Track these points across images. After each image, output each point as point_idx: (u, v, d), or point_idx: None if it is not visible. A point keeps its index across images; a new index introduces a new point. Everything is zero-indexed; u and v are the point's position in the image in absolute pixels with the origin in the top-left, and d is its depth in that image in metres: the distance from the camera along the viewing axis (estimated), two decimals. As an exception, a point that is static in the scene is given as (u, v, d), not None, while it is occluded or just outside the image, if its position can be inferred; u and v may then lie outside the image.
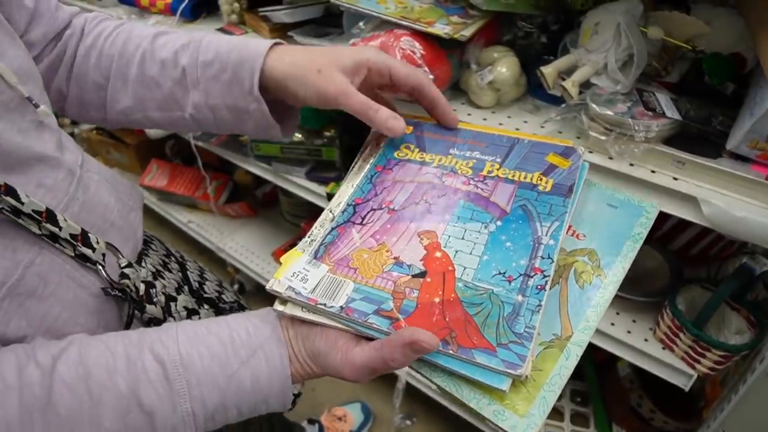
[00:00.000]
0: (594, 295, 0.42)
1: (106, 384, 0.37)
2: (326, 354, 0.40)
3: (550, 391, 0.37)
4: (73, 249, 0.44)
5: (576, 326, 0.40)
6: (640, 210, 0.47)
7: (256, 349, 0.41)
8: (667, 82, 0.76)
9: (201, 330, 0.41)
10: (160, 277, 0.58)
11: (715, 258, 0.97)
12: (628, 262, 0.44)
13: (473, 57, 0.81)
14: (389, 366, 0.38)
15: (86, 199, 0.48)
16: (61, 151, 0.47)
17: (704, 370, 0.80)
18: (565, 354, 0.39)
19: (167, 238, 0.63)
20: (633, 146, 0.66)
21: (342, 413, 1.39)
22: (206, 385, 0.39)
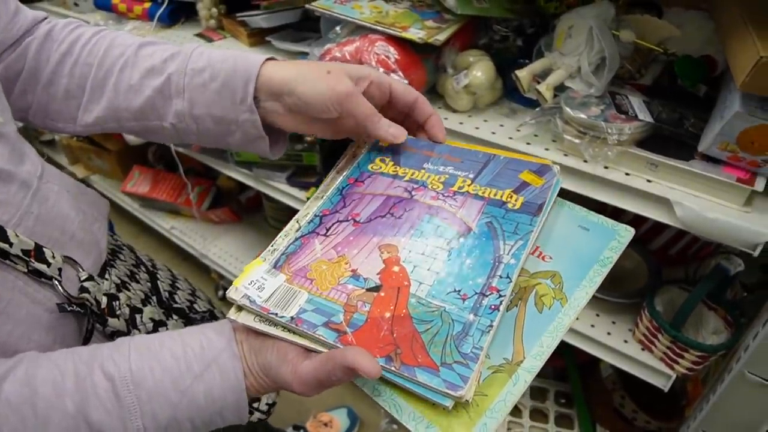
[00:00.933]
0: (552, 319, 0.40)
1: (53, 403, 0.37)
2: (277, 367, 0.40)
3: (492, 417, 0.36)
4: (26, 265, 0.43)
5: (529, 351, 0.38)
6: (612, 233, 0.45)
7: (209, 363, 0.40)
8: (641, 85, 0.77)
9: (154, 344, 0.41)
10: (126, 289, 0.57)
11: (693, 258, 0.97)
12: (593, 288, 0.42)
13: (449, 61, 0.81)
14: (332, 381, 0.37)
15: (43, 212, 0.47)
16: (16, 163, 0.46)
17: (682, 371, 0.80)
18: (513, 380, 0.37)
19: (149, 245, 0.62)
20: (607, 149, 0.66)
21: (328, 419, 1.38)
22: (158, 401, 0.39)
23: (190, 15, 1.27)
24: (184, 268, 1.88)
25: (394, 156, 0.52)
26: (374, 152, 0.53)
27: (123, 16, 1.30)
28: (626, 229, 0.45)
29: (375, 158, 0.52)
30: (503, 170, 0.49)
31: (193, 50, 0.51)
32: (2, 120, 0.44)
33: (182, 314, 0.65)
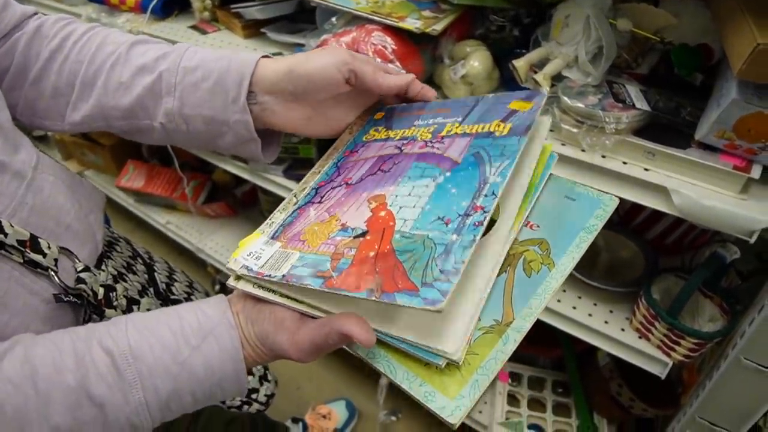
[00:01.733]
0: (540, 283, 0.41)
1: (53, 379, 0.37)
2: (273, 334, 0.40)
3: (484, 374, 0.37)
4: (21, 255, 0.43)
5: (518, 313, 0.40)
6: (597, 202, 0.47)
7: (206, 334, 0.40)
8: (638, 74, 0.77)
9: (151, 321, 0.41)
10: (123, 280, 0.57)
11: (689, 247, 0.98)
12: (579, 253, 0.43)
13: (446, 51, 0.81)
14: (329, 344, 0.38)
15: (38, 202, 0.47)
16: (10, 153, 0.45)
17: (679, 358, 0.81)
18: (503, 339, 0.38)
19: (145, 240, 0.62)
20: (604, 138, 0.67)
21: (326, 411, 1.39)
22: (158, 374, 0.39)
23: (183, 7, 1.25)
24: (181, 262, 1.87)
25: (387, 122, 0.53)
26: (369, 125, 0.53)
27: (115, 9, 1.29)
28: (611, 198, 0.47)
29: (369, 130, 0.53)
30: (492, 106, 0.48)
31: (187, 49, 0.51)
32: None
33: None
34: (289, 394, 1.48)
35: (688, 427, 0.87)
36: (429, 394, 0.37)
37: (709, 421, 0.82)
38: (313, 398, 1.45)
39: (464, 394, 0.36)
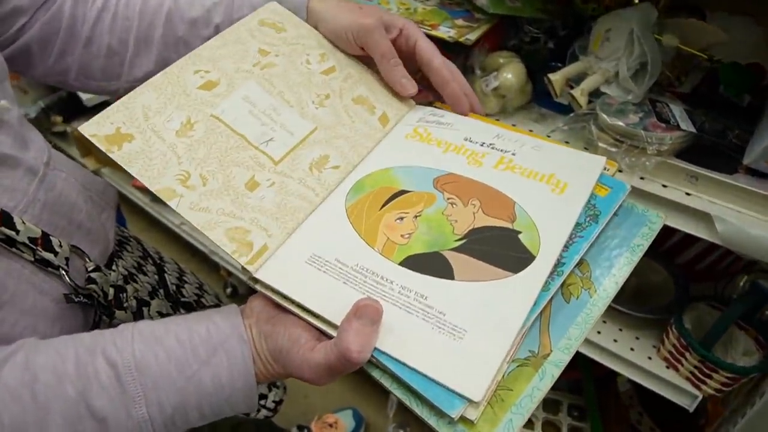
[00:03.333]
0: (580, 310, 0.38)
1: (54, 389, 0.35)
2: (288, 351, 0.37)
3: (518, 414, 0.34)
4: (33, 253, 0.41)
5: (556, 344, 0.36)
6: (643, 219, 0.43)
7: (216, 347, 0.38)
8: (680, 92, 0.73)
9: (159, 330, 0.38)
10: (133, 281, 0.55)
11: (723, 274, 0.94)
12: (622, 277, 0.40)
13: (477, 62, 0.78)
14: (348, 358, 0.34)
15: (50, 199, 0.45)
16: (21, 149, 0.44)
17: (710, 392, 0.77)
18: (539, 374, 0.35)
19: (158, 240, 0.61)
20: (644, 159, 0.63)
21: (333, 420, 1.36)
22: (163, 389, 0.36)
23: None
24: (193, 264, 1.86)
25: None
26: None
27: None
28: (657, 215, 0.43)
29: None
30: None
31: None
32: (8, 105, 0.43)
33: (190, 308, 0.63)
34: (296, 402, 1.46)
35: (717, 464, 0.83)
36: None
37: (739, 460, 0.78)
38: (320, 407, 1.42)
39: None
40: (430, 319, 0.36)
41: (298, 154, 0.44)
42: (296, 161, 0.43)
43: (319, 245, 0.40)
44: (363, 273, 0.39)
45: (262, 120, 0.44)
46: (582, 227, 0.41)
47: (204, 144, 0.41)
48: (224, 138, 0.42)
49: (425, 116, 0.50)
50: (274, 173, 0.42)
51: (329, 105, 0.47)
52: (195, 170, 0.40)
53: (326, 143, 0.45)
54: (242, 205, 0.40)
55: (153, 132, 0.40)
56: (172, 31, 0.50)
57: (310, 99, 0.47)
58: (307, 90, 0.47)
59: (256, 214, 0.40)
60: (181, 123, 0.42)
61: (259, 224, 0.40)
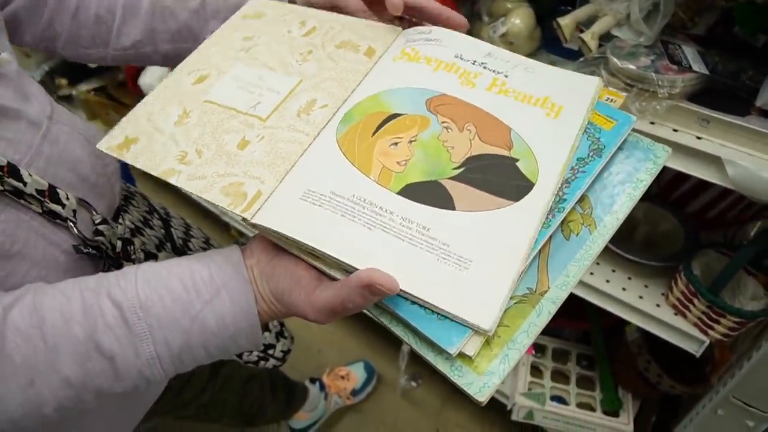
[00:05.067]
0: (580, 247, 0.37)
1: (61, 330, 0.36)
2: (290, 292, 0.38)
3: (515, 349, 0.34)
4: (40, 205, 0.42)
5: (554, 281, 0.36)
6: (648, 153, 0.41)
7: (219, 288, 0.38)
8: (694, 34, 0.71)
9: (161, 272, 0.39)
10: (140, 234, 0.56)
11: (732, 222, 0.93)
12: (623, 213, 0.38)
13: (485, 8, 0.76)
14: (348, 308, 0.35)
15: (54, 152, 0.46)
16: (23, 102, 0.44)
17: (717, 337, 0.78)
18: (536, 310, 0.35)
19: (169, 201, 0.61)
20: (655, 103, 0.62)
21: (345, 372, 1.40)
22: (169, 328, 0.37)
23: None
24: (205, 225, 1.88)
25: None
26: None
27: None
28: (663, 148, 0.41)
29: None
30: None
31: None
32: (8, 58, 0.43)
33: None
34: (309, 356, 1.50)
35: (721, 407, 0.84)
36: (455, 369, 0.34)
37: (743, 402, 0.80)
38: (333, 362, 1.46)
39: (493, 370, 0.34)
40: (435, 250, 0.36)
41: (285, 107, 0.43)
42: (284, 113, 0.43)
43: (312, 181, 0.39)
44: (361, 204, 0.38)
45: (249, 90, 0.44)
46: (584, 162, 0.40)
47: (198, 125, 0.42)
48: (216, 115, 0.43)
49: (411, 35, 0.48)
50: (263, 129, 0.42)
51: (312, 58, 0.47)
52: (191, 148, 0.41)
53: (312, 89, 0.45)
54: (234, 164, 0.40)
55: (155, 129, 0.42)
56: (159, 1, 0.51)
57: (293, 59, 0.47)
58: (290, 53, 0.47)
59: (248, 167, 0.40)
60: (178, 115, 0.43)
61: (251, 175, 0.40)
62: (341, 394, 1.36)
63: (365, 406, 1.41)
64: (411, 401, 1.40)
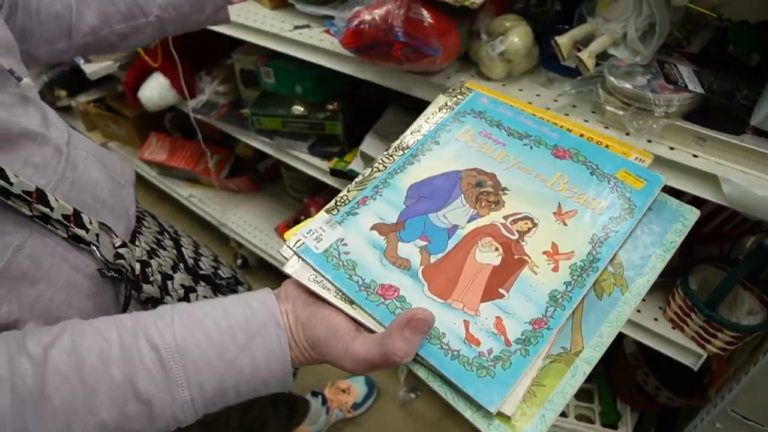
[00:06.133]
0: (612, 308, 0.38)
1: (100, 373, 0.36)
2: (326, 342, 0.38)
3: (551, 409, 0.34)
4: (66, 230, 0.43)
5: (588, 341, 0.37)
6: (676, 215, 0.42)
7: (255, 334, 0.39)
8: (688, 53, 0.72)
9: (197, 314, 0.40)
10: (155, 256, 0.57)
11: (728, 236, 0.94)
12: (654, 274, 0.40)
13: (484, 26, 0.77)
14: (390, 360, 0.35)
15: (75, 177, 0.47)
16: (47, 127, 0.45)
17: (715, 351, 0.79)
18: (571, 371, 0.36)
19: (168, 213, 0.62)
20: (652, 122, 0.63)
21: (346, 386, 1.40)
22: (204, 372, 0.38)
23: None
24: (204, 236, 1.88)
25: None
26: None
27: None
28: (691, 210, 0.43)
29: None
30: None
31: None
32: (30, 83, 0.43)
33: (209, 280, 0.65)
34: (310, 368, 1.49)
35: (719, 420, 0.85)
36: (494, 427, 0.34)
37: (741, 415, 0.80)
38: (333, 373, 1.46)
39: (530, 431, 0.34)
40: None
41: None
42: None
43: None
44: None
45: None
46: (617, 221, 0.41)
47: None
48: None
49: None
50: None
51: None
52: None
53: None
54: None
55: None
56: None
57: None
58: None
59: None
60: None
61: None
62: (342, 408, 1.36)
63: (364, 418, 1.40)
64: (410, 413, 1.39)
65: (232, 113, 1.38)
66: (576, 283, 0.38)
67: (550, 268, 0.39)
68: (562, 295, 0.38)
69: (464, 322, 0.37)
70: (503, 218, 0.42)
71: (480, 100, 0.51)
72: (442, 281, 0.39)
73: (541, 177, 0.44)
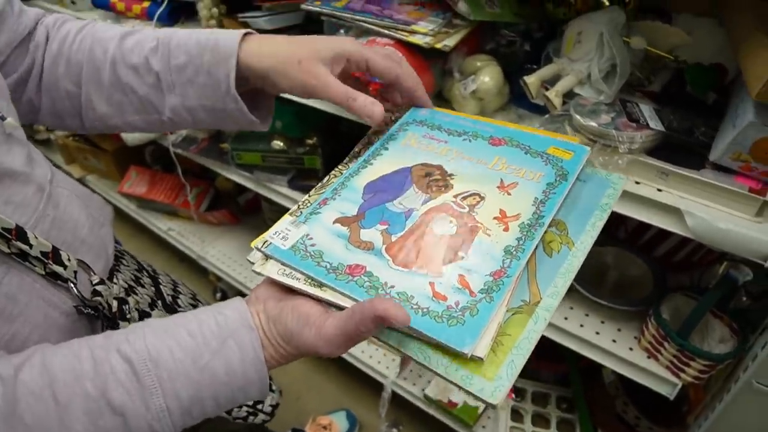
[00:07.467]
0: (562, 262, 0.42)
1: (73, 388, 0.36)
2: (299, 332, 0.39)
3: (519, 354, 0.37)
4: (44, 267, 0.43)
5: (544, 292, 0.40)
6: (607, 182, 0.48)
7: (226, 337, 0.39)
8: (650, 91, 0.76)
9: (169, 324, 0.40)
10: (133, 293, 0.57)
11: (698, 265, 0.97)
12: (596, 231, 0.44)
13: (456, 66, 0.80)
14: (361, 333, 0.36)
15: (56, 215, 0.47)
16: (31, 166, 0.46)
17: (689, 379, 0.80)
18: (533, 318, 0.39)
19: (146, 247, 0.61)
20: (617, 157, 0.66)
21: (327, 422, 1.37)
22: (179, 380, 0.38)
23: (190, 15, 1.25)
24: (182, 269, 1.86)
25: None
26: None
27: (122, 15, 1.28)
28: (619, 177, 0.48)
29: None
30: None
31: (170, 41, 0.52)
32: (14, 123, 0.44)
33: None
34: (288, 404, 1.47)
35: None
36: (466, 378, 0.36)
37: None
38: (313, 409, 1.43)
39: (502, 375, 0.36)
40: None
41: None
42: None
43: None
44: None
45: None
46: (553, 185, 0.46)
47: None
48: None
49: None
50: None
51: None
52: None
53: None
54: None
55: None
56: (119, 76, 0.52)
57: None
58: None
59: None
60: None
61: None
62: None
63: (345, 456, 1.37)
64: (392, 449, 1.37)
65: (211, 147, 1.38)
66: (526, 237, 0.42)
67: (501, 229, 0.43)
68: (515, 249, 0.41)
69: (430, 283, 0.40)
70: (453, 197, 0.46)
71: (420, 112, 0.56)
72: (404, 254, 0.42)
73: (482, 161, 0.49)
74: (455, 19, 0.79)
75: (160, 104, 0.52)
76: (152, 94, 0.52)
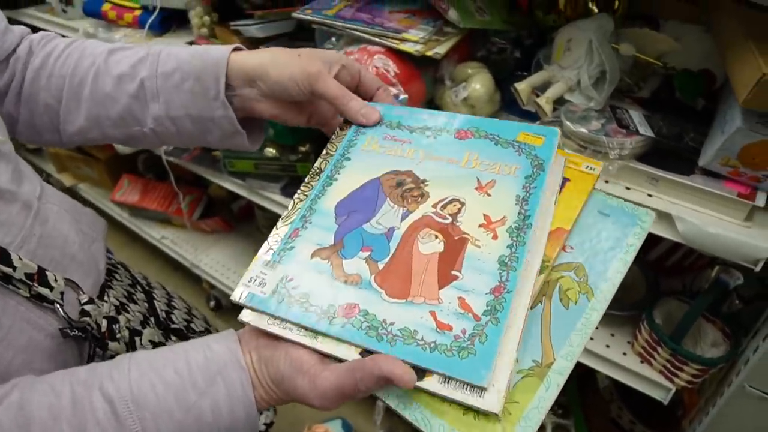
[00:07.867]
0: (579, 316, 0.38)
1: (50, 429, 0.35)
2: (291, 378, 0.37)
3: (527, 426, 0.34)
4: (29, 289, 0.41)
5: (558, 351, 0.36)
6: (634, 218, 0.43)
7: (214, 376, 0.38)
8: (640, 98, 0.76)
9: (156, 360, 0.39)
10: (125, 311, 0.55)
11: (690, 269, 0.97)
12: (618, 278, 0.40)
13: (447, 73, 0.80)
14: (360, 392, 0.35)
15: (44, 233, 0.45)
16: (18, 183, 0.44)
17: (682, 384, 0.80)
18: (545, 384, 0.35)
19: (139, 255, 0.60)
20: (608, 163, 0.66)
21: (323, 430, 1.36)
22: (162, 421, 0.36)
23: (181, 23, 1.25)
24: (176, 278, 1.85)
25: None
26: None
27: (113, 24, 1.28)
28: (647, 213, 0.43)
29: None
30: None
31: (160, 52, 0.51)
32: (2, 138, 0.43)
33: (180, 335, 0.63)
34: (284, 412, 1.45)
35: (691, 453, 0.86)
36: None
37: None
38: (308, 417, 1.42)
39: None
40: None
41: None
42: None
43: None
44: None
45: None
46: (532, 178, 0.42)
47: None
48: None
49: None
50: None
51: None
52: None
53: None
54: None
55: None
56: (99, 87, 0.50)
57: None
58: None
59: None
60: None
61: None
62: (318, 453, 1.32)
63: (341, 464, 1.36)
64: (388, 457, 1.36)
65: (204, 155, 1.38)
66: (517, 242, 0.39)
67: (489, 238, 0.40)
68: (509, 258, 0.38)
69: (430, 312, 0.37)
70: (432, 207, 0.43)
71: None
72: (396, 283, 0.39)
73: (453, 160, 0.45)
74: (446, 27, 0.80)
75: (142, 115, 0.51)
76: (133, 105, 0.50)
